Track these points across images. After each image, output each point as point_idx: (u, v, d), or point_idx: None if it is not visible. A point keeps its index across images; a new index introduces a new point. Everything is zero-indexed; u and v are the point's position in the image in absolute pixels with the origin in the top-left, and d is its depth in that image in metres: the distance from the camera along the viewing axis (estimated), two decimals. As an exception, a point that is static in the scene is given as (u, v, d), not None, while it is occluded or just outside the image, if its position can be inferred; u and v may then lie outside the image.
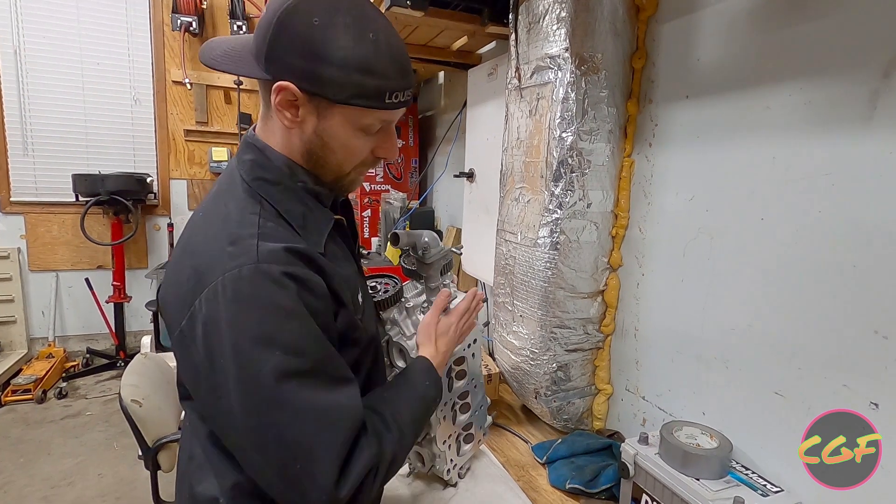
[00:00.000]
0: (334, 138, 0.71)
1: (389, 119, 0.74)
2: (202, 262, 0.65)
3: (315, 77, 0.65)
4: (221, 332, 0.61)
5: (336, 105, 0.68)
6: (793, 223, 0.89)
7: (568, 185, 1.19)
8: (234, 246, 0.64)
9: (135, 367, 1.36)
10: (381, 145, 0.76)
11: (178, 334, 0.66)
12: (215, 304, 0.61)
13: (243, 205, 0.70)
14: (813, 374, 0.87)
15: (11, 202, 3.32)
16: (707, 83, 1.06)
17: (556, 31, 1.17)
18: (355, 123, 0.70)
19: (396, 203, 2.39)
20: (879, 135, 0.76)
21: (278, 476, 0.62)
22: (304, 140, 0.72)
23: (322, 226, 0.74)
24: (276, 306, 0.62)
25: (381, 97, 0.68)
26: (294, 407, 0.61)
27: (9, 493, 2.12)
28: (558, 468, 1.18)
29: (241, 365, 0.60)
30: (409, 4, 1.44)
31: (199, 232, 0.70)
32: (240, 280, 0.61)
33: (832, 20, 0.83)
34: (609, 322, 1.32)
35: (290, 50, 0.65)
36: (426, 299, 1.00)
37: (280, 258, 0.64)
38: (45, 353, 3.34)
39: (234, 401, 0.61)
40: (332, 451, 0.62)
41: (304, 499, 0.62)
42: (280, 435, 0.61)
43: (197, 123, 3.63)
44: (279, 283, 0.62)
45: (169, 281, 0.72)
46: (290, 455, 0.61)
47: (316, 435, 0.62)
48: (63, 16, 3.28)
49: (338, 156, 0.73)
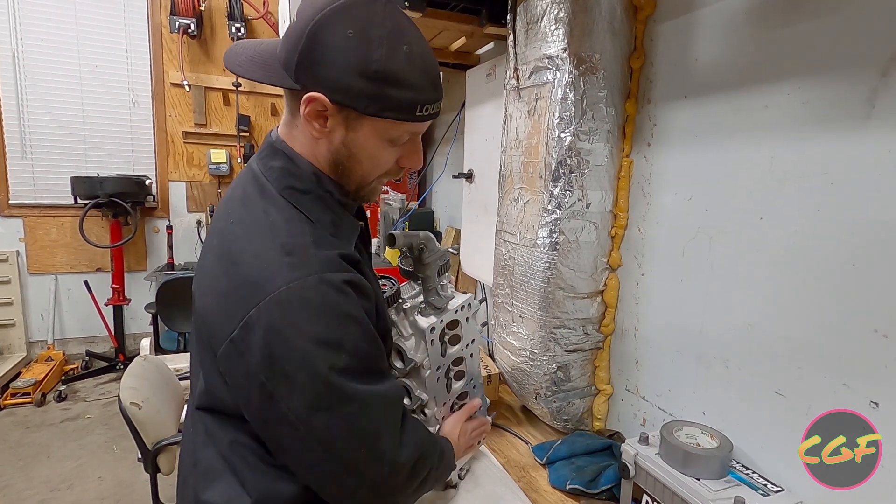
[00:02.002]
0: (362, 150, 0.72)
1: (418, 131, 0.74)
2: (255, 272, 0.65)
3: (347, 89, 0.65)
4: (287, 340, 0.62)
5: (366, 117, 0.68)
6: (792, 222, 0.89)
7: (567, 186, 1.19)
8: (291, 256, 0.65)
9: (134, 370, 1.36)
10: (407, 156, 0.76)
11: (229, 343, 0.65)
12: (280, 313, 0.62)
13: (286, 214, 0.70)
14: (813, 374, 0.87)
15: (10, 205, 3.31)
16: (705, 83, 1.06)
17: (555, 31, 1.17)
18: (384, 135, 0.71)
19: (395, 204, 2.39)
20: (878, 134, 0.76)
21: (342, 465, 0.67)
22: (332, 150, 0.72)
23: (350, 233, 0.76)
24: (342, 313, 0.66)
25: (413, 110, 0.68)
26: (362, 399, 0.67)
27: (8, 496, 2.12)
28: (558, 469, 1.18)
29: (312, 369, 0.63)
30: (407, 5, 1.44)
31: (241, 241, 0.69)
32: (306, 289, 0.63)
33: (830, 19, 0.83)
34: (609, 322, 1.32)
35: (322, 62, 0.65)
36: (423, 300, 1.00)
37: (338, 265, 0.67)
38: (45, 356, 3.34)
39: (297, 402, 0.64)
40: (392, 426, 0.72)
41: (363, 479, 0.69)
42: (349, 426, 0.66)
43: (195, 125, 3.63)
44: (342, 290, 0.66)
45: (207, 291, 0.71)
46: (356, 442, 0.67)
47: (381, 418, 0.70)
48: (61, 19, 3.28)
49: (364, 166, 0.74)
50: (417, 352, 0.93)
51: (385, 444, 0.70)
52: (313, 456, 0.66)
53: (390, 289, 0.95)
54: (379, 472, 0.69)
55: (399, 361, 0.95)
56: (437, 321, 0.95)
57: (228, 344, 0.65)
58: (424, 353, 0.94)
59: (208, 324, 0.70)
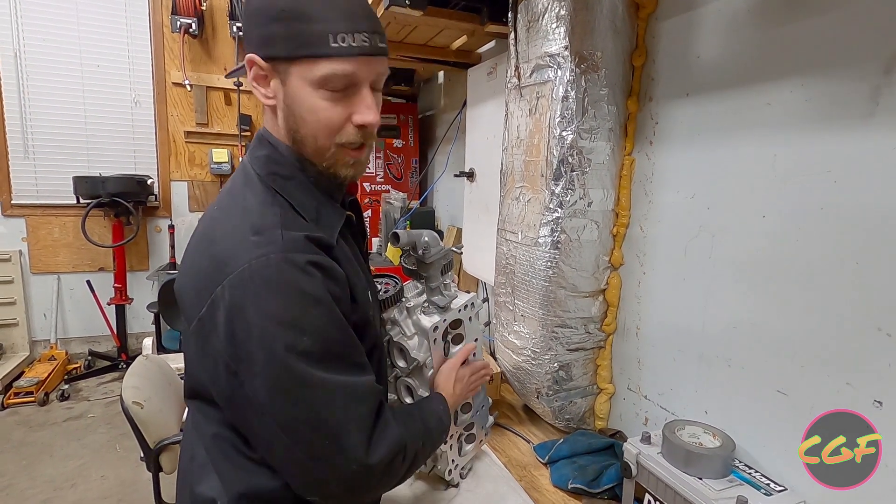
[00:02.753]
0: (298, 103, 0.69)
1: (347, 70, 0.67)
2: (223, 252, 0.65)
3: (266, 39, 0.67)
4: (248, 318, 0.62)
5: (292, 64, 0.67)
6: (794, 220, 0.89)
7: (568, 184, 1.18)
8: (259, 235, 0.65)
9: (136, 369, 1.36)
10: (357, 111, 0.70)
11: (197, 322, 0.66)
12: (241, 290, 0.62)
13: (262, 197, 0.71)
14: (816, 372, 0.86)
15: (13, 205, 3.32)
16: (707, 80, 1.06)
17: (556, 29, 1.17)
18: (311, 79, 0.67)
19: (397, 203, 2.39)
20: (881, 131, 0.76)
21: (306, 453, 0.64)
22: (282, 117, 0.72)
23: (334, 221, 0.75)
24: (304, 293, 0.64)
25: (325, 41, 0.65)
26: (323, 386, 0.64)
27: (11, 495, 2.13)
28: (560, 468, 1.18)
29: (270, 349, 0.62)
30: (408, 4, 1.44)
31: (218, 224, 0.71)
32: (267, 267, 0.63)
33: (833, 16, 0.82)
34: (610, 321, 1.32)
35: (250, 22, 0.69)
36: (427, 299, 1.00)
37: (304, 247, 0.66)
38: (47, 356, 3.34)
39: (259, 385, 0.62)
40: (359, 423, 0.66)
41: (332, 471, 0.65)
42: (310, 412, 0.63)
43: (197, 125, 3.63)
44: (305, 271, 0.64)
45: (185, 272, 0.72)
46: (319, 432, 0.64)
47: (344, 410, 0.65)
48: (63, 18, 3.28)
49: (309, 125, 0.70)
50: (420, 351, 0.93)
51: (351, 441, 0.65)
52: (280, 443, 0.64)
53: (393, 287, 0.95)
54: (347, 468, 0.65)
55: (402, 360, 0.95)
56: (440, 320, 0.95)
57: (197, 323, 0.66)
58: (427, 352, 0.94)
59: (184, 304, 0.71)
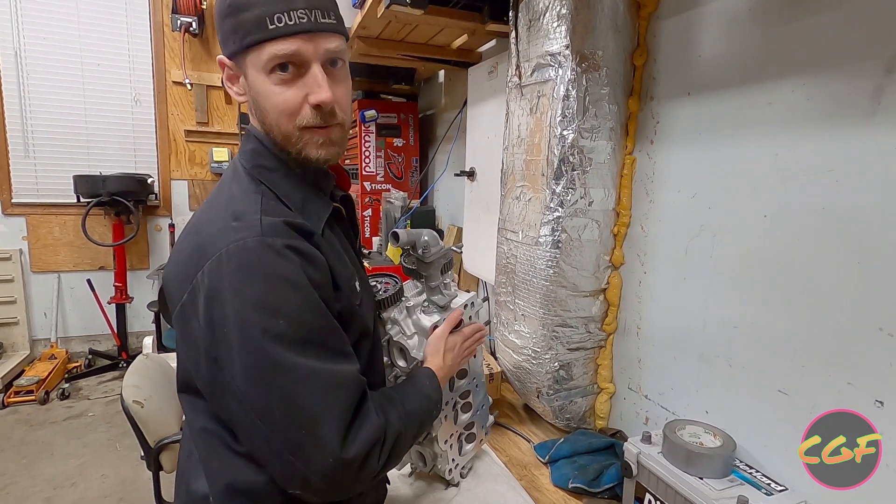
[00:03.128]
0: (258, 94, 0.71)
1: (289, 49, 0.66)
2: (205, 239, 0.66)
3: (224, 38, 0.70)
4: (225, 302, 0.62)
5: (245, 57, 0.69)
6: (796, 220, 0.88)
7: (569, 183, 1.18)
8: (238, 221, 0.65)
9: (136, 368, 1.36)
10: (311, 91, 0.69)
11: (179, 309, 0.67)
12: (218, 274, 0.62)
13: (246, 187, 0.72)
14: (817, 372, 0.86)
15: (13, 204, 3.32)
16: (709, 79, 1.05)
17: (557, 28, 1.17)
18: (260, 66, 0.68)
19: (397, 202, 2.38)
20: (883, 130, 0.76)
21: (283, 443, 0.62)
22: (252, 111, 0.74)
23: (321, 212, 0.75)
24: (280, 277, 0.63)
25: (264, 25, 0.66)
26: (299, 371, 0.62)
27: (12, 493, 2.13)
28: (561, 467, 1.18)
29: (246, 333, 0.61)
30: (409, 3, 1.43)
31: (203, 215, 0.72)
32: (244, 251, 0.63)
33: (835, 15, 0.82)
34: (611, 320, 1.32)
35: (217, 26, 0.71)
36: (426, 298, 1.00)
37: (282, 231, 0.65)
38: (48, 355, 3.35)
39: (237, 369, 0.62)
40: (336, 414, 0.63)
41: (308, 464, 0.62)
42: (285, 399, 0.62)
43: (197, 124, 3.63)
44: (283, 254, 0.64)
45: (171, 263, 0.73)
46: (295, 420, 0.62)
47: (321, 398, 0.63)
48: (63, 17, 3.28)
49: (271, 114, 0.71)
50: (420, 350, 0.93)
51: (326, 431, 0.62)
52: (259, 434, 0.63)
53: (393, 287, 0.95)
54: (324, 461, 0.62)
55: (402, 360, 0.94)
56: (440, 319, 0.95)
57: (179, 309, 0.67)
58: (427, 351, 0.94)
59: (170, 294, 0.71)
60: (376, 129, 2.56)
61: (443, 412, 1.00)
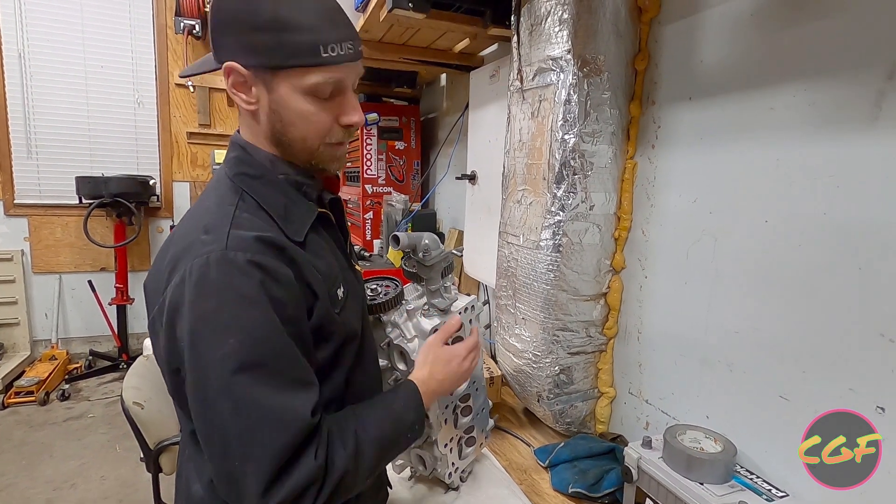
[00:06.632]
0: (288, 109, 0.70)
1: (336, 77, 0.70)
2: (178, 251, 0.66)
3: (251, 48, 0.67)
4: (182, 316, 0.62)
5: (279, 72, 0.68)
6: (797, 225, 0.88)
7: (570, 188, 1.18)
8: (207, 234, 0.65)
9: (137, 370, 1.36)
10: (344, 112, 0.73)
11: (149, 322, 0.68)
12: (181, 289, 0.62)
13: (223, 198, 0.71)
14: (818, 378, 0.86)
15: (15, 204, 3.33)
16: (710, 84, 1.06)
17: (559, 32, 1.17)
18: (301, 87, 0.68)
19: (398, 205, 2.39)
20: (885, 136, 0.76)
21: (219, 470, 0.61)
22: (268, 122, 0.72)
23: (305, 217, 0.74)
24: (237, 294, 0.61)
25: (317, 52, 0.66)
26: (239, 399, 0.59)
27: (11, 495, 2.13)
28: (561, 472, 1.17)
29: (196, 350, 0.60)
30: (412, 7, 1.44)
31: (181, 227, 0.72)
32: (206, 265, 0.62)
33: (837, 21, 0.82)
34: (612, 325, 1.31)
35: (227, 29, 0.67)
36: (427, 302, 1.00)
37: (248, 246, 0.64)
38: (48, 356, 3.35)
39: (190, 387, 0.62)
40: (267, 454, 0.59)
41: (238, 498, 0.60)
42: (223, 427, 0.59)
43: (200, 126, 3.64)
44: (243, 270, 0.62)
45: (151, 270, 0.74)
46: (228, 450, 0.60)
47: (255, 433, 0.59)
48: (67, 19, 3.30)
49: (299, 129, 0.71)
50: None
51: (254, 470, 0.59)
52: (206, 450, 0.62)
53: (393, 290, 0.95)
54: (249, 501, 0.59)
55: (402, 363, 0.94)
56: (440, 323, 0.95)
57: (149, 323, 0.69)
58: (427, 354, 0.93)
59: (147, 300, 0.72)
60: (378, 132, 2.56)
61: (443, 415, 1.00)
